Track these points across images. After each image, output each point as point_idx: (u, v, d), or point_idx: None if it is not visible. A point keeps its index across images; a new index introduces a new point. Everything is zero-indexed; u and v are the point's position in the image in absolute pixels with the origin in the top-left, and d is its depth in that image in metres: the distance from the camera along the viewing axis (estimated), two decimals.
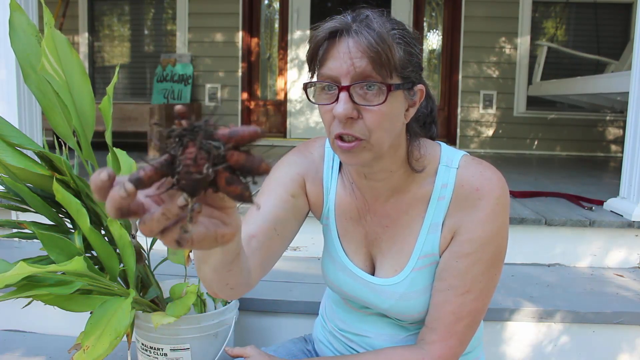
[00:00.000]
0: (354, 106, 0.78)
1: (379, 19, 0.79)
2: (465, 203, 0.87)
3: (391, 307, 0.93)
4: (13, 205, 1.16)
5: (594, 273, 1.87)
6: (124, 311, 0.99)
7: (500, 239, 0.87)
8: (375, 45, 0.76)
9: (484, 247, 0.86)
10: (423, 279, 0.91)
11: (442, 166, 0.90)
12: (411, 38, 0.83)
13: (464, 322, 0.87)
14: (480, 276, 0.86)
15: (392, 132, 0.83)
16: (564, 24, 4.77)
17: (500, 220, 0.86)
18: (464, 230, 0.87)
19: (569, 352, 1.53)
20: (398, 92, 0.81)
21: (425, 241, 0.90)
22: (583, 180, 2.97)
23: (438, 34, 4.86)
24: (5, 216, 2.04)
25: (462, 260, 0.87)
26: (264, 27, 4.95)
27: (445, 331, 0.87)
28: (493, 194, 0.85)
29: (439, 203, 0.89)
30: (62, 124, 1.09)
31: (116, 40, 5.15)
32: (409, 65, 0.81)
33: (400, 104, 0.82)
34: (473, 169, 0.89)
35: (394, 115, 0.82)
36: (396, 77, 0.80)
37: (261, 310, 1.55)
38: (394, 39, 0.79)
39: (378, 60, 0.77)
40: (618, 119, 4.59)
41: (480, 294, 0.87)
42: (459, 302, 0.86)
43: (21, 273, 0.86)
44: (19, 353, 1.57)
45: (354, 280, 0.96)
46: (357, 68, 0.77)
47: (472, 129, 4.69)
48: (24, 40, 1.06)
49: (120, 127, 3.79)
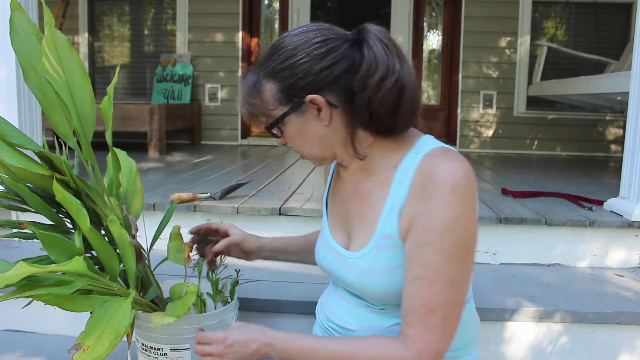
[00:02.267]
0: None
1: (258, 60, 0.97)
2: (422, 190, 0.88)
3: (354, 281, 0.99)
4: (13, 205, 1.16)
5: (594, 273, 1.87)
6: (124, 311, 0.99)
7: (459, 228, 0.86)
8: (244, 107, 0.99)
9: (442, 236, 0.86)
10: (384, 260, 0.94)
11: (411, 153, 0.94)
12: (288, 60, 0.91)
13: (437, 315, 0.87)
14: (445, 267, 0.86)
15: (312, 143, 0.98)
16: (564, 24, 4.77)
17: (456, 210, 0.85)
18: (419, 218, 0.88)
19: (569, 352, 1.54)
20: (288, 117, 0.95)
21: (386, 222, 0.94)
22: (583, 180, 2.97)
23: (438, 34, 4.87)
24: (5, 216, 2.04)
25: (421, 249, 0.87)
26: (264, 27, 4.95)
27: (420, 324, 0.87)
28: (447, 183, 0.86)
29: (400, 186, 0.92)
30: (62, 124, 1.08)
31: (116, 40, 5.15)
32: (286, 92, 0.93)
33: (299, 123, 0.95)
34: (435, 158, 0.90)
35: (303, 133, 0.97)
36: (280, 109, 0.95)
37: (261, 310, 1.55)
38: (267, 77, 0.94)
39: (250, 115, 0.99)
40: (618, 119, 4.59)
41: (448, 286, 0.86)
42: (427, 294, 0.87)
43: (21, 273, 0.86)
44: (19, 353, 1.57)
45: (330, 253, 1.06)
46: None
47: (472, 129, 4.69)
48: (24, 40, 1.05)
49: (120, 127, 3.79)
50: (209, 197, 2.10)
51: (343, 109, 0.93)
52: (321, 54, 0.90)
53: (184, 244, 1.30)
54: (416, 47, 4.81)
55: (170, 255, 1.29)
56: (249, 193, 2.25)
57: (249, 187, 2.36)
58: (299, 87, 0.91)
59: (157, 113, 3.81)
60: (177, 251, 1.29)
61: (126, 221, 1.17)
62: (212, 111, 4.83)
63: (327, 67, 0.90)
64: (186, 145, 4.67)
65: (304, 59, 0.90)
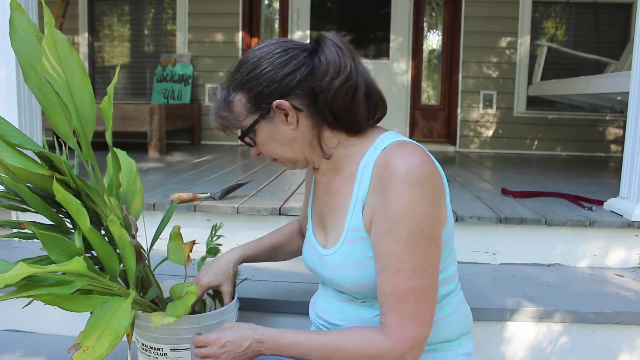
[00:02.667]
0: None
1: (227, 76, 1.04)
2: (379, 183, 0.93)
3: (331, 277, 1.04)
4: (13, 205, 1.16)
5: (594, 273, 1.87)
6: (124, 312, 0.99)
7: (415, 216, 0.89)
8: (217, 120, 1.05)
9: (398, 225, 0.89)
10: (354, 252, 0.98)
11: (371, 148, 0.99)
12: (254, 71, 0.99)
13: (408, 302, 0.90)
14: (406, 254, 0.89)
15: (284, 147, 1.03)
16: (564, 24, 4.78)
17: (410, 197, 0.89)
18: (379, 210, 0.93)
19: (569, 352, 1.54)
20: (259, 125, 1.01)
21: (352, 216, 0.99)
22: (583, 180, 2.97)
23: (438, 34, 4.87)
24: (5, 216, 2.04)
25: (383, 240, 0.91)
26: (264, 27, 4.95)
27: (394, 313, 0.90)
28: (399, 172, 0.90)
29: (362, 181, 0.97)
30: (62, 124, 1.08)
31: (116, 40, 5.15)
32: (254, 102, 1.00)
33: (269, 129, 1.01)
34: (390, 151, 0.95)
35: (274, 138, 1.02)
36: (250, 117, 1.01)
37: (261, 310, 1.55)
38: (235, 90, 1.01)
39: (223, 127, 1.05)
40: (618, 119, 4.59)
41: (413, 272, 0.89)
42: (394, 283, 0.90)
43: (21, 273, 0.86)
44: (19, 353, 1.57)
45: (312, 252, 1.11)
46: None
47: (472, 129, 4.69)
48: (24, 40, 1.05)
49: (120, 127, 3.79)
50: (209, 197, 2.10)
51: (307, 111, 0.99)
52: (283, 62, 0.97)
53: (183, 244, 1.30)
54: (416, 47, 4.81)
55: (170, 255, 1.29)
56: (249, 193, 2.25)
57: (249, 187, 2.36)
58: (265, 95, 0.98)
59: (157, 113, 3.81)
60: (177, 251, 1.29)
61: (126, 221, 1.17)
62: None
63: (289, 73, 0.97)
64: (186, 145, 4.67)
65: (268, 68, 0.97)
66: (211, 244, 1.37)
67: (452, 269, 1.05)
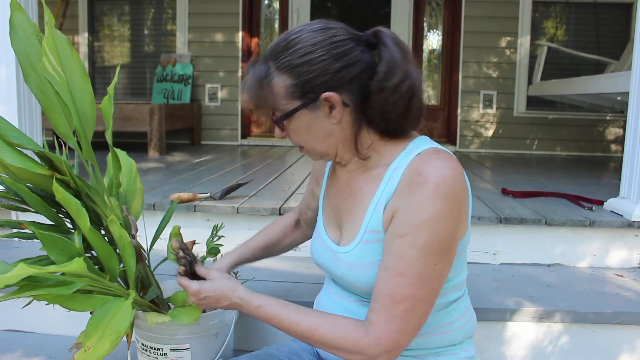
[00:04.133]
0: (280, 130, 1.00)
1: (275, 52, 0.93)
2: (408, 186, 0.90)
3: (343, 275, 1.01)
4: (13, 205, 1.16)
5: (594, 273, 1.87)
6: (124, 312, 0.99)
7: (438, 226, 0.87)
8: (252, 98, 0.97)
9: (417, 231, 0.87)
10: (370, 254, 0.96)
11: (404, 153, 0.96)
12: (307, 56, 0.90)
13: (400, 307, 0.87)
14: (415, 261, 0.87)
15: (318, 139, 0.98)
16: (564, 24, 4.77)
17: (438, 207, 0.87)
18: (401, 211, 0.90)
19: (569, 352, 1.54)
20: (299, 113, 0.94)
21: (372, 217, 0.96)
22: (583, 180, 2.97)
23: (438, 34, 4.87)
24: (5, 216, 2.04)
25: (397, 240, 0.89)
26: (264, 27, 4.95)
27: (383, 312, 0.88)
28: (432, 180, 0.87)
29: (389, 183, 0.94)
30: (63, 124, 1.08)
31: (116, 40, 5.15)
32: (300, 88, 0.92)
33: (309, 118, 0.95)
34: (425, 157, 0.92)
35: (311, 129, 0.96)
36: (292, 102, 0.93)
37: None
38: (281, 70, 0.92)
39: (258, 101, 0.96)
40: (618, 119, 4.59)
41: (416, 280, 0.87)
42: (393, 284, 0.88)
43: (21, 274, 0.86)
44: (19, 353, 1.57)
45: (323, 248, 1.09)
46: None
47: (472, 129, 4.69)
48: (24, 40, 1.05)
49: (120, 127, 3.79)
50: (209, 197, 2.10)
51: (354, 108, 0.94)
52: (339, 54, 0.90)
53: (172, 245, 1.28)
54: (416, 47, 4.81)
55: (170, 255, 1.29)
56: (249, 193, 2.25)
57: (249, 187, 2.36)
58: (314, 84, 0.91)
59: (157, 113, 3.81)
60: None
61: (126, 221, 1.17)
62: (212, 111, 4.83)
63: (345, 66, 0.91)
64: (186, 145, 4.67)
65: (324, 57, 0.90)
66: (212, 244, 1.37)
67: (463, 276, 1.04)
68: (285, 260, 1.90)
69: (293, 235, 1.37)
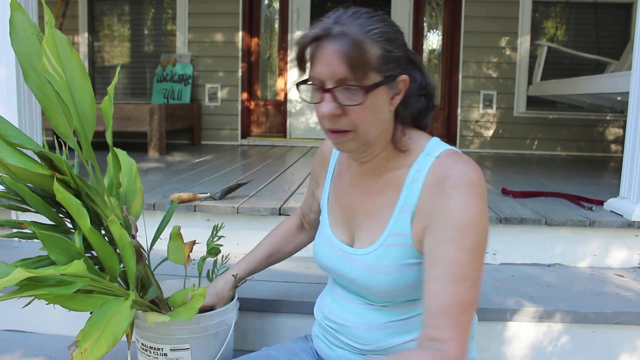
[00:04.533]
0: (338, 105, 0.88)
1: (359, 20, 0.88)
2: (439, 191, 0.90)
3: (359, 277, 0.99)
4: (13, 205, 1.16)
5: (594, 273, 1.87)
6: (122, 314, 0.99)
7: (480, 226, 0.87)
8: (351, 50, 0.85)
9: (464, 233, 0.86)
10: (391, 257, 0.95)
11: (423, 154, 0.96)
12: (393, 34, 0.90)
13: (466, 315, 0.84)
14: (471, 264, 0.86)
15: (377, 123, 0.92)
16: (564, 24, 4.77)
17: (476, 208, 0.87)
18: (438, 217, 0.89)
19: (569, 352, 1.54)
20: (378, 90, 0.89)
21: (397, 220, 0.95)
22: (583, 180, 2.97)
23: (438, 34, 4.86)
24: (5, 216, 2.04)
25: (444, 246, 0.87)
26: (264, 27, 4.95)
27: (453, 326, 0.83)
28: (464, 182, 0.88)
29: (412, 186, 0.94)
30: (63, 124, 1.08)
31: (116, 40, 5.15)
32: (388, 62, 0.89)
33: (382, 98, 0.91)
34: (448, 160, 0.93)
35: (377, 109, 0.91)
36: (375, 76, 0.88)
37: (261, 310, 1.55)
38: (373, 39, 0.87)
39: (354, 63, 0.85)
40: (618, 119, 4.59)
41: (474, 283, 0.86)
42: (456, 292, 0.84)
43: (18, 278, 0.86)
44: (19, 353, 1.57)
45: (332, 250, 1.06)
46: (337, 73, 0.86)
47: (472, 129, 4.69)
48: (24, 39, 1.05)
49: (120, 127, 3.79)
50: (209, 197, 2.10)
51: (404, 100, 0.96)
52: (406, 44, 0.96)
53: (183, 244, 1.30)
54: (416, 47, 4.81)
55: (170, 255, 1.29)
56: (249, 193, 2.25)
57: (249, 187, 2.36)
58: (400, 64, 0.92)
59: (157, 113, 3.81)
60: (177, 251, 1.29)
61: (126, 221, 1.17)
62: (212, 111, 4.83)
63: (415, 57, 0.98)
64: (186, 145, 4.67)
65: (403, 41, 0.93)
66: (212, 244, 1.37)
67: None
68: (285, 260, 1.90)
69: (297, 239, 1.36)
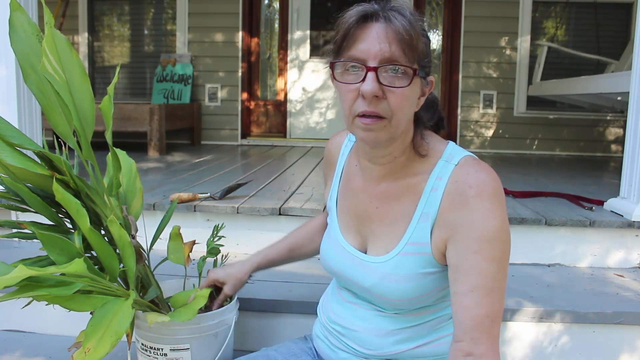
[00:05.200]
0: (380, 86, 0.85)
1: (408, 9, 0.88)
2: (461, 201, 0.88)
3: (374, 285, 0.97)
4: (13, 205, 1.16)
5: (594, 273, 1.87)
6: (124, 313, 0.99)
7: (505, 236, 0.87)
8: (408, 31, 0.84)
9: (491, 244, 0.85)
10: (408, 266, 0.93)
11: (442, 161, 0.95)
12: (427, 31, 0.91)
13: (497, 326, 0.84)
14: (499, 274, 0.85)
15: (408, 116, 0.91)
16: (564, 24, 4.77)
17: (500, 217, 0.87)
18: (463, 227, 0.87)
19: (569, 352, 1.53)
20: (417, 79, 0.88)
21: (416, 229, 0.93)
22: (583, 180, 2.97)
23: (438, 34, 4.86)
24: (5, 216, 2.04)
25: (472, 258, 0.86)
26: (264, 27, 4.95)
27: (488, 339, 0.83)
28: (487, 192, 0.87)
29: (432, 194, 0.92)
30: (62, 124, 1.08)
31: (116, 40, 5.15)
32: (427, 56, 0.90)
33: (417, 91, 0.91)
34: (469, 168, 0.92)
35: (412, 100, 0.90)
36: (417, 65, 0.87)
37: (261, 310, 1.55)
38: (420, 29, 0.87)
39: (408, 45, 0.84)
40: (618, 119, 4.59)
41: (501, 293, 0.86)
42: (489, 303, 0.84)
43: (20, 276, 0.86)
44: (19, 353, 1.57)
45: (343, 256, 1.03)
46: (386, 52, 0.84)
47: (472, 129, 4.69)
48: (24, 40, 1.05)
49: (120, 127, 3.79)
50: (208, 197, 2.09)
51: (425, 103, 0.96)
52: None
53: (183, 244, 1.30)
54: None
55: (170, 255, 1.29)
56: (249, 193, 2.25)
57: (249, 187, 2.36)
58: (430, 61, 0.92)
59: (157, 113, 3.81)
60: (177, 251, 1.29)
61: (126, 221, 1.17)
62: (212, 111, 4.83)
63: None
64: (186, 145, 4.66)
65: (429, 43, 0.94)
66: (212, 244, 1.37)
67: None
68: None
69: (320, 238, 1.30)
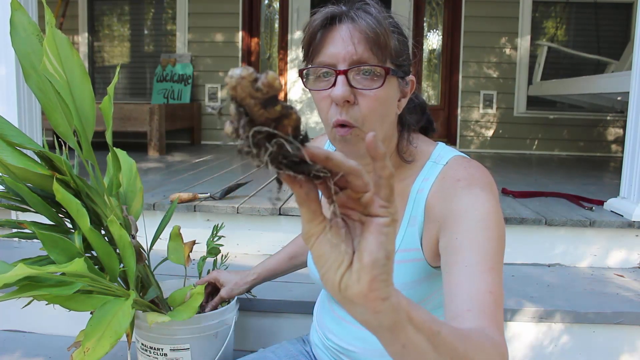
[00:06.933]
0: (351, 90, 0.80)
1: (374, 7, 0.83)
2: (448, 192, 0.83)
3: None
4: (13, 205, 1.16)
5: (594, 273, 1.87)
6: (124, 313, 0.99)
7: (500, 220, 0.79)
8: (374, 29, 0.79)
9: (488, 224, 0.77)
10: (401, 275, 0.88)
11: (430, 162, 0.91)
12: (402, 28, 0.87)
13: (500, 312, 0.70)
14: (497, 256, 0.75)
15: (385, 121, 0.85)
16: (564, 24, 4.77)
17: (494, 202, 0.80)
18: (455, 215, 0.80)
19: (569, 352, 1.53)
20: (392, 80, 0.84)
21: (405, 234, 0.89)
22: (583, 180, 2.97)
23: (438, 34, 4.86)
24: (5, 216, 2.04)
25: (469, 235, 0.76)
26: (264, 27, 4.95)
27: (493, 324, 0.68)
28: (477, 184, 0.82)
29: (418, 196, 0.89)
30: (63, 124, 1.08)
31: (116, 40, 5.15)
32: (402, 54, 0.85)
33: (394, 92, 0.86)
34: (458, 166, 0.87)
35: (388, 103, 0.84)
36: (390, 64, 0.83)
37: (261, 310, 1.55)
38: (389, 25, 0.83)
39: (376, 43, 0.80)
40: (618, 119, 4.59)
41: (500, 277, 0.74)
42: (489, 280, 0.71)
43: (20, 274, 0.86)
44: (19, 353, 1.57)
45: None
46: (354, 54, 0.80)
47: (472, 129, 4.69)
48: (25, 39, 1.06)
49: (120, 127, 3.78)
50: (209, 197, 2.09)
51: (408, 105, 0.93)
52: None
53: (183, 244, 1.30)
54: (416, 47, 4.81)
55: (170, 255, 1.29)
56: (249, 193, 2.25)
57: (249, 187, 2.36)
58: (407, 60, 0.88)
59: (157, 113, 3.81)
60: (177, 251, 1.29)
61: (126, 221, 1.17)
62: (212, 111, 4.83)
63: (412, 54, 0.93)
64: (186, 145, 4.66)
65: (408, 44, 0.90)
66: (212, 244, 1.37)
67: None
68: None
69: None
